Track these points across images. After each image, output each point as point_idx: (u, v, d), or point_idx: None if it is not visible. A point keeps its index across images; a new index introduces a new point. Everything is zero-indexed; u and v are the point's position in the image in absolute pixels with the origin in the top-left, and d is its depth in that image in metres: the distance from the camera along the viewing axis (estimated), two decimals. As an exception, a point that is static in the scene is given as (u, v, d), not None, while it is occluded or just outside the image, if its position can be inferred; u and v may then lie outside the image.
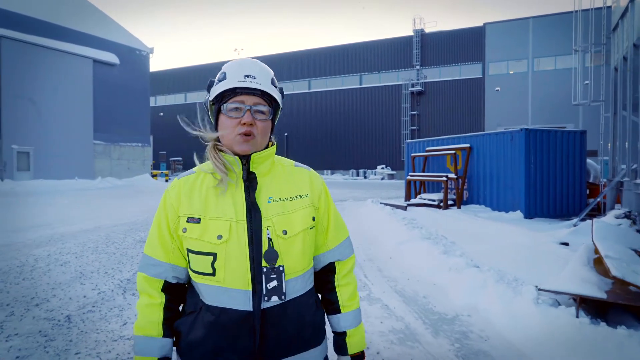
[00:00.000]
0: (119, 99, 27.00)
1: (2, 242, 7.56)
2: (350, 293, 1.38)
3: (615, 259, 4.09)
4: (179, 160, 49.74)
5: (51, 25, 23.88)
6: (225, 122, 1.23)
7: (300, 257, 1.25)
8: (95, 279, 5.22)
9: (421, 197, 13.88)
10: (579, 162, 11.76)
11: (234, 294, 1.17)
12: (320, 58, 45.27)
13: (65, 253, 6.71)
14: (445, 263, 5.61)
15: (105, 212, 12.45)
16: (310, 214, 1.29)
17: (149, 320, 1.23)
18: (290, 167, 1.36)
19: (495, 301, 4.05)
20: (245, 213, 1.20)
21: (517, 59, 35.66)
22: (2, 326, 3.63)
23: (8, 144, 21.44)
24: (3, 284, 4.96)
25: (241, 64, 1.27)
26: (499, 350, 3.20)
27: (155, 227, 1.28)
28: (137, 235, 8.47)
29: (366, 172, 41.67)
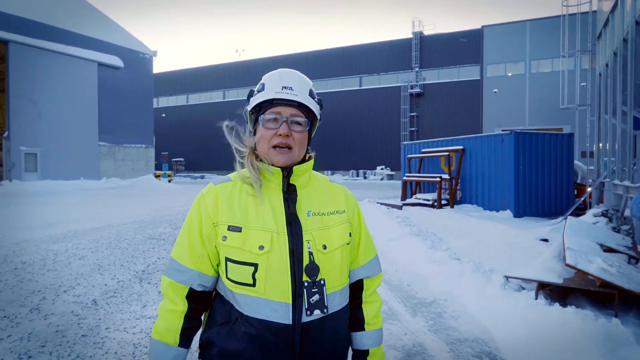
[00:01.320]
0: (123, 101, 27.59)
1: (21, 238, 8.11)
2: (376, 311, 1.39)
3: (575, 250, 4.63)
4: (180, 160, 50.33)
5: (57, 30, 24.46)
6: (262, 133, 1.24)
7: (338, 272, 1.25)
8: (113, 270, 5.77)
9: (416, 197, 14.42)
10: (567, 163, 12.30)
11: (274, 306, 1.16)
12: (320, 60, 45.83)
13: (82, 248, 7.26)
14: (430, 256, 6.16)
15: (113, 211, 13.00)
16: (347, 230, 1.30)
17: (168, 327, 1.23)
18: (325, 182, 1.37)
19: (469, 288, 4.59)
20: (286, 225, 1.20)
21: (515, 61, 36.19)
22: (38, 308, 4.19)
23: (16, 145, 22.02)
24: (30, 274, 5.50)
25: (280, 75, 1.27)
26: (465, 326, 3.74)
27: (186, 232, 1.26)
28: (146, 232, 9.01)
29: (366, 173, 42.19)
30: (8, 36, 21.98)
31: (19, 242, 7.73)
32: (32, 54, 22.95)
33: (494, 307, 4.00)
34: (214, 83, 51.37)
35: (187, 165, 50.89)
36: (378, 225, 9.73)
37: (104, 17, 27.36)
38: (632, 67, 7.31)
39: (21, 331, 3.58)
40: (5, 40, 21.99)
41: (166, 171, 36.10)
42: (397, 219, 10.13)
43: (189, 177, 43.30)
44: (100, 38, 26.72)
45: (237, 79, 49.46)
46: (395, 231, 8.60)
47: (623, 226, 7.76)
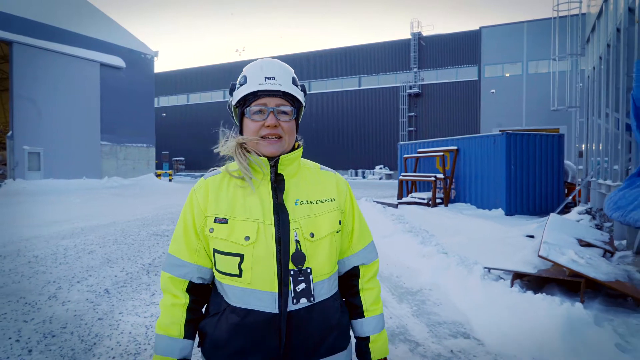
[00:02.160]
0: (124, 101, 27.94)
1: (30, 234, 8.47)
2: (374, 298, 1.38)
3: (550, 244, 5.00)
4: (181, 160, 50.68)
5: (60, 30, 24.81)
6: (249, 125, 1.23)
7: (326, 260, 1.24)
8: (121, 263, 6.14)
9: (412, 195, 14.78)
10: (557, 163, 12.66)
11: (261, 296, 1.17)
12: (320, 60, 46.17)
13: (89, 244, 7.63)
14: (420, 251, 6.53)
15: (116, 209, 13.36)
16: (337, 218, 1.29)
17: (171, 321, 1.24)
18: (316, 170, 1.36)
19: (453, 279, 4.96)
20: (273, 215, 1.20)
21: (512, 62, 36.55)
22: (55, 295, 4.56)
23: (20, 144, 22.37)
24: (44, 267, 5.87)
25: (261, 66, 1.26)
26: (446, 312, 4.12)
27: (181, 227, 1.28)
28: (150, 229, 9.38)
29: (365, 172, 42.55)
30: (12, 37, 22.32)
31: (28, 238, 8.10)
32: (36, 55, 23.30)
33: (473, 295, 4.37)
34: (214, 83, 51.71)
35: (187, 165, 51.25)
36: (373, 223, 10.09)
37: (106, 18, 27.71)
38: (613, 71, 7.68)
39: (43, 315, 3.96)
40: (9, 41, 22.34)
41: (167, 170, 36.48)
42: (391, 216, 10.50)
43: (189, 176, 43.68)
44: (102, 39, 27.07)
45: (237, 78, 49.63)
46: (389, 228, 8.98)
47: (606, 223, 8.13)
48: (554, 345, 3.18)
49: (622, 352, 3.04)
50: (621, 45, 7.03)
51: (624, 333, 3.39)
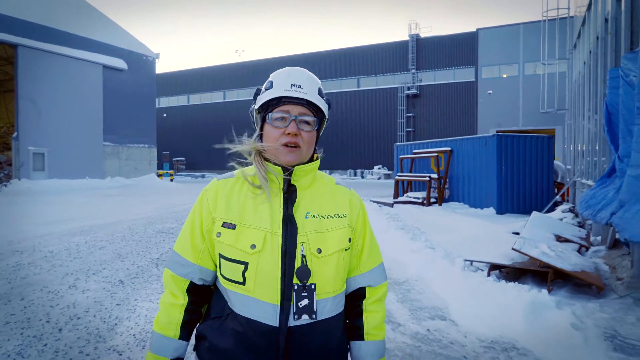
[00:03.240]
0: (126, 103, 28.40)
1: (42, 232, 8.93)
2: (378, 322, 1.33)
3: (526, 238, 5.47)
4: (181, 160, 51.15)
5: (64, 33, 25.27)
6: (270, 132, 1.22)
7: (332, 278, 1.21)
8: (131, 257, 6.60)
9: (407, 195, 15.25)
10: (547, 163, 13.12)
11: (262, 307, 1.15)
12: (319, 61, 46.63)
13: (99, 240, 8.09)
14: (409, 246, 6.99)
15: (121, 208, 13.82)
16: (347, 235, 1.26)
17: (168, 321, 1.24)
18: (331, 184, 1.33)
19: (437, 270, 5.42)
20: (281, 226, 1.18)
21: (509, 64, 37.01)
22: (75, 285, 5.02)
23: (25, 145, 22.83)
24: (60, 261, 6.33)
25: (289, 72, 1.26)
26: (427, 299, 4.58)
27: (188, 226, 1.28)
28: (155, 227, 9.83)
29: (363, 172, 43.02)
30: (17, 40, 22.78)
31: (41, 235, 8.56)
32: (40, 57, 23.76)
33: (454, 284, 4.83)
34: (214, 84, 52.17)
35: (187, 165, 51.70)
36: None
37: (109, 21, 28.17)
38: (594, 76, 8.15)
39: (66, 301, 4.42)
40: (14, 44, 22.79)
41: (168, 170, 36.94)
42: (386, 215, 10.97)
43: (190, 177, 44.14)
44: (105, 41, 27.53)
45: (237, 80, 50.27)
46: (382, 226, 9.43)
47: (588, 221, 8.59)
48: (518, 325, 3.65)
49: (575, 330, 3.50)
50: (599, 52, 7.50)
51: (580, 315, 3.85)
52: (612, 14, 6.36)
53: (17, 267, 5.91)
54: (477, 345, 3.38)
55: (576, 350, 3.19)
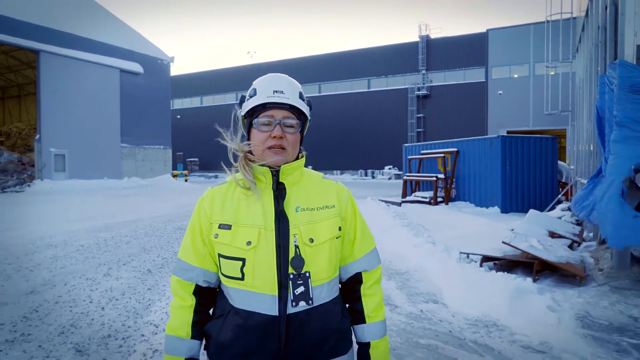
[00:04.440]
0: (142, 105, 29.27)
1: (71, 228, 9.59)
2: (376, 304, 1.42)
3: (518, 233, 5.93)
4: (195, 160, 52.07)
5: (83, 39, 26.20)
6: (256, 136, 1.29)
7: (326, 265, 1.29)
8: (156, 251, 7.20)
9: (415, 194, 15.69)
10: (551, 164, 13.47)
11: (262, 299, 1.22)
12: (330, 63, 47.16)
13: (124, 236, 8.71)
14: (412, 242, 7.47)
15: (139, 207, 14.49)
16: (337, 224, 1.34)
17: (179, 322, 1.31)
18: (318, 179, 1.42)
19: (435, 263, 5.90)
20: (274, 221, 1.25)
21: (519, 64, 37.12)
22: (109, 273, 5.62)
23: (47, 147, 23.76)
24: (92, 254, 6.95)
25: (270, 79, 1.33)
26: (424, 286, 5.08)
27: (189, 234, 1.36)
28: (174, 224, 10.45)
29: (374, 173, 43.41)
30: (39, 46, 23.73)
31: (70, 231, 9.22)
32: (61, 62, 24.69)
33: (449, 274, 5.31)
34: (226, 85, 53.03)
35: (201, 165, 52.62)
36: (375, 219, 11.05)
37: (126, 26, 29.05)
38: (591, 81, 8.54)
39: (104, 286, 5.01)
40: (37, 50, 23.74)
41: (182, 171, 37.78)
42: (392, 213, 11.44)
43: (204, 177, 45.00)
44: (122, 46, 28.43)
45: (249, 81, 50.33)
46: (389, 223, 9.92)
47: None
48: (501, 307, 4.13)
49: (551, 311, 3.97)
50: (594, 58, 7.90)
51: (559, 300, 4.32)
52: (601, 23, 6.78)
53: (55, 258, 6.54)
54: (463, 322, 3.88)
55: (549, 327, 3.67)
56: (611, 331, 3.60)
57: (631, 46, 4.88)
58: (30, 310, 4.16)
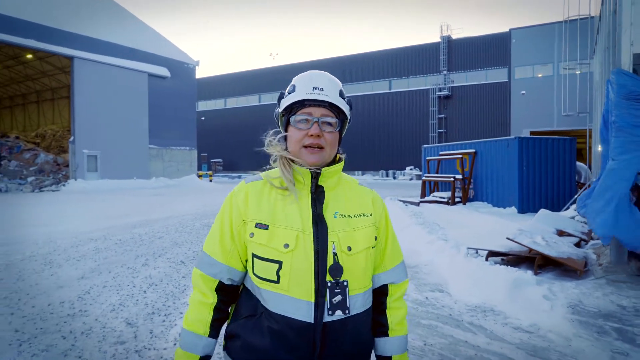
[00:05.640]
0: (169, 108, 30.36)
1: (107, 225, 10.34)
2: (400, 318, 1.39)
3: (524, 230, 6.29)
4: (219, 161, 53.28)
5: (113, 45, 27.41)
6: (293, 134, 1.27)
7: (362, 275, 1.26)
8: (187, 245, 7.82)
9: (433, 195, 16.01)
10: (569, 164, 13.61)
11: (297, 304, 1.19)
12: (352, 64, 47.58)
13: (157, 232, 9.38)
14: (426, 238, 7.88)
15: (168, 206, 15.26)
16: (373, 233, 1.31)
17: (198, 318, 1.28)
18: (354, 185, 1.39)
19: (445, 257, 6.31)
20: (312, 225, 1.22)
21: (543, 63, 36.74)
22: (146, 264, 6.24)
23: (80, 148, 24.97)
24: (129, 247, 7.61)
25: (310, 76, 1.31)
26: (432, 278, 5.52)
27: (218, 228, 1.32)
28: (202, 221, 11.09)
29: (395, 173, 43.62)
30: (73, 52, 24.97)
31: (107, 227, 9.95)
32: (93, 67, 25.90)
33: (456, 267, 5.72)
34: (250, 87, 54.07)
35: (225, 166, 53.79)
36: (392, 218, 11.26)
37: (153, 32, 30.18)
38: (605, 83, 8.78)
39: (143, 274, 5.62)
40: (71, 56, 24.98)
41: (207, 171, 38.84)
42: (410, 213, 11.83)
43: (227, 177, 46.08)
44: (150, 51, 29.57)
45: (271, 83, 51.91)
46: (405, 222, 10.32)
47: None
48: (500, 296, 4.54)
49: (546, 300, 4.35)
50: (604, 63, 8.15)
51: (555, 290, 4.69)
52: (610, 27, 7.06)
53: (97, 250, 7.22)
54: (463, 308, 4.31)
55: (541, 313, 4.07)
56: (598, 317, 3.97)
57: (628, 55, 5.20)
58: (84, 292, 4.78)
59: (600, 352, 3.20)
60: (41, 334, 3.58)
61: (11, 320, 3.89)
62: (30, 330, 3.64)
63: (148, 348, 3.33)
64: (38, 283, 5.16)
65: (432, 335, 3.57)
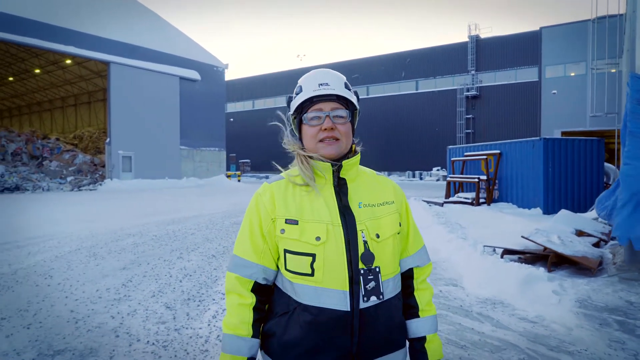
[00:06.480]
0: (199, 110, 31.32)
1: (142, 222, 10.96)
2: (428, 298, 1.44)
3: (540, 230, 6.46)
4: (247, 162, 54.29)
5: (147, 50, 28.52)
6: (307, 131, 1.32)
7: (391, 260, 1.31)
8: (217, 241, 8.31)
9: (458, 195, 16.09)
10: (597, 165, 13.48)
11: (332, 294, 1.22)
12: (378, 65, 47.65)
13: (188, 229, 9.93)
14: (446, 237, 8.12)
15: (198, 204, 15.89)
16: (397, 220, 1.36)
17: (240, 320, 1.29)
18: (372, 175, 1.44)
19: (462, 255, 6.56)
20: (339, 217, 1.26)
21: (575, 62, 35.87)
22: (181, 257, 6.73)
23: (116, 149, 26.11)
24: (165, 242, 8.15)
25: (314, 74, 1.37)
26: (448, 274, 5.78)
27: (247, 229, 1.34)
28: (231, 219, 11.61)
29: (422, 174, 43.46)
30: (109, 58, 26.15)
31: (142, 224, 10.57)
32: (128, 72, 27.04)
33: (472, 264, 5.96)
34: (277, 89, 54.88)
35: (252, 166, 54.75)
36: (415, 218, 11.57)
37: (184, 36, 31.22)
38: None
39: (178, 266, 6.11)
40: (107, 62, 26.16)
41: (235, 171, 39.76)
42: (433, 213, 12.03)
43: (255, 177, 46.96)
44: (181, 55, 30.60)
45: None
46: (428, 221, 10.55)
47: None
48: (510, 290, 4.78)
49: (555, 294, 4.57)
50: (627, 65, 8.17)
51: (566, 286, 4.89)
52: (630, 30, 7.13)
53: (135, 244, 7.79)
54: (474, 300, 4.58)
55: (548, 306, 4.30)
56: (603, 310, 4.17)
57: (641, 59, 5.32)
58: (126, 280, 5.29)
59: (598, 341, 3.43)
60: (93, 314, 4.07)
61: (66, 302, 4.41)
62: (83, 311, 4.14)
63: (185, 327, 3.76)
64: (85, 272, 5.70)
65: (440, 322, 3.87)
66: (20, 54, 31.70)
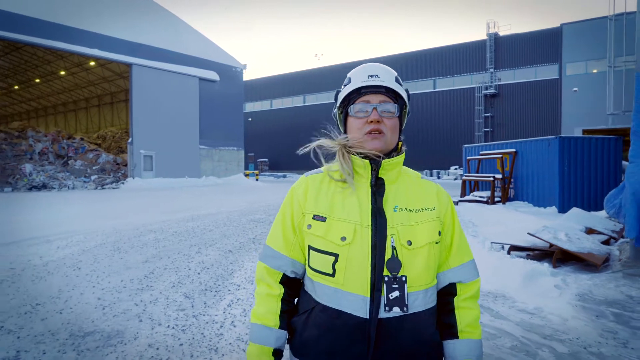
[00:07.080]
0: (218, 110, 31.91)
1: (163, 219, 11.38)
2: (472, 319, 1.29)
3: (547, 227, 6.58)
4: (265, 161, 54.89)
5: (167, 52, 29.19)
6: (353, 124, 1.27)
7: (423, 271, 1.21)
8: (234, 237, 8.63)
9: (473, 194, 16.14)
10: (614, 164, 13.39)
11: (352, 299, 1.16)
12: (395, 64, 47.51)
13: (207, 225, 10.29)
14: (456, 235, 8.27)
15: (217, 203, 16.30)
16: (437, 228, 1.26)
17: (267, 310, 1.28)
18: (417, 178, 1.35)
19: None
20: (371, 218, 1.20)
21: (597, 59, 35.19)
22: (199, 252, 7.07)
23: (138, 149, 26.84)
24: (184, 238, 8.52)
25: (365, 67, 1.31)
26: (455, 269, 5.97)
27: (280, 221, 1.34)
28: (248, 217, 11.95)
29: (439, 173, 43.27)
30: (131, 60, 26.88)
31: (163, 221, 10.98)
32: (149, 73, 27.74)
33: (478, 259, 6.10)
34: (295, 89, 55.28)
35: (270, 165, 55.32)
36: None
37: (203, 38, 31.82)
38: None
39: (196, 260, 6.44)
40: (130, 63, 26.90)
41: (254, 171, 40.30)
42: (446, 211, 12.16)
43: (273, 176, 47.44)
44: (200, 56, 31.22)
45: (316, 84, 52.85)
46: (440, 219, 10.70)
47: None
48: (513, 284, 4.95)
49: (556, 289, 4.73)
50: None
51: (569, 281, 5.03)
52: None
53: (156, 240, 8.17)
54: (477, 293, 4.77)
55: (548, 299, 4.46)
56: (602, 304, 4.32)
57: (646, 59, 5.40)
58: (148, 272, 5.64)
59: (591, 331, 3.60)
60: (118, 301, 4.41)
61: (94, 291, 4.77)
62: (109, 299, 4.48)
63: (202, 314, 4.06)
64: (110, 265, 6.08)
65: (442, 313, 4.07)
66: (46, 57, 32.84)
